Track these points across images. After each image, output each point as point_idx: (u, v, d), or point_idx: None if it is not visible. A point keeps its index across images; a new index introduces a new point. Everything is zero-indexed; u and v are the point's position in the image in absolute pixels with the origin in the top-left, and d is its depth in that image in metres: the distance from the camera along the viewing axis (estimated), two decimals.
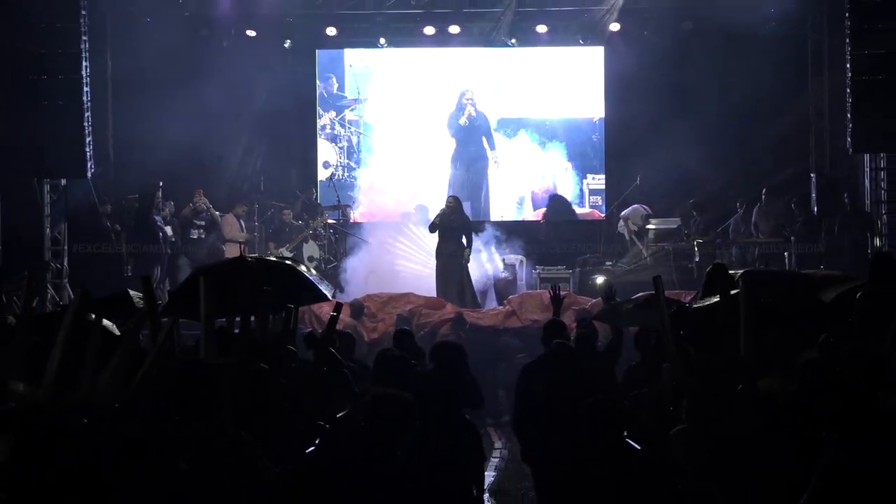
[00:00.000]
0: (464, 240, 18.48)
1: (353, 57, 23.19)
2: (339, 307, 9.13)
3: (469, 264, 18.61)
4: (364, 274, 19.03)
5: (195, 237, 20.06)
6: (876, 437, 5.42)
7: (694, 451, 6.45)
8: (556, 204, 22.16)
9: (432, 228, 18.62)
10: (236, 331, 8.55)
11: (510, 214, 22.45)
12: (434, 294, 18.16)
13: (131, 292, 9.78)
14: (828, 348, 7.29)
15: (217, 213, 20.22)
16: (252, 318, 8.35)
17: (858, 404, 5.67)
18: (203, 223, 20.17)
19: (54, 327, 5.90)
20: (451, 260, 18.41)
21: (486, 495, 11.64)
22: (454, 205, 18.79)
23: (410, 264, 19.80)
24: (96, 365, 5.38)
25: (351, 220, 21.60)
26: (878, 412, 5.59)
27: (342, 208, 21.56)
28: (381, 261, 19.63)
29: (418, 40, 22.70)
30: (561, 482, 6.76)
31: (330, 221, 21.03)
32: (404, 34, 22.76)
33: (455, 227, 18.47)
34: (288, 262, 12.48)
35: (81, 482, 4.71)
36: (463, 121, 22.46)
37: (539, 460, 9.04)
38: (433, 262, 19.07)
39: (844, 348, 7.00)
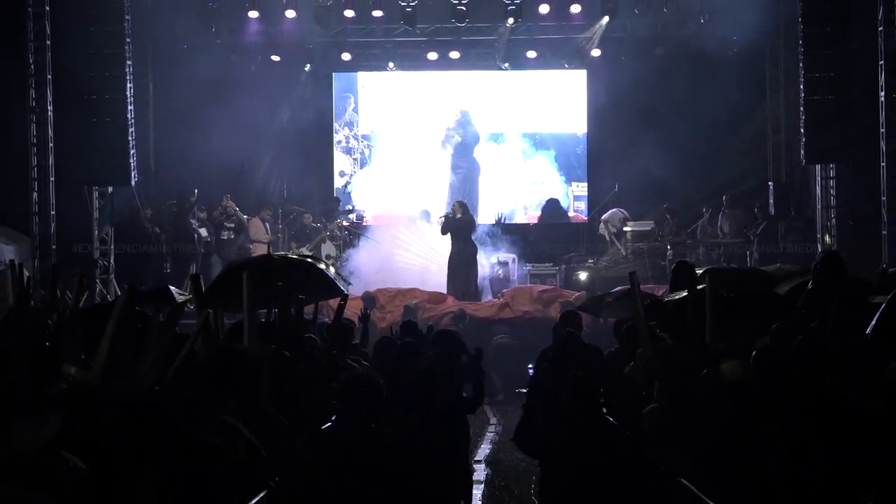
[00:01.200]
0: (467, 238, 18.59)
1: (366, 79, 23.26)
2: (345, 297, 9.19)
3: (476, 260, 18.73)
4: (374, 270, 19.04)
5: (225, 238, 20.11)
6: (845, 435, 5.33)
7: (663, 426, 6.49)
8: (552, 207, 22.20)
9: (443, 231, 18.68)
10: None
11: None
12: (439, 286, 18.21)
13: (172, 288, 9.80)
14: (778, 336, 7.31)
15: (245, 216, 20.27)
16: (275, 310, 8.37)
17: (823, 400, 5.59)
18: (232, 225, 20.21)
19: (102, 318, 5.93)
20: (458, 256, 18.48)
21: (482, 465, 11.71)
22: (459, 209, 18.86)
23: (415, 262, 19.82)
24: (152, 353, 5.41)
25: (363, 223, 21.63)
26: (842, 409, 5.52)
27: (355, 212, 21.64)
28: (389, 259, 19.66)
29: (423, 64, 22.78)
30: (560, 468, 6.67)
31: (344, 224, 21.09)
32: (410, 59, 22.82)
33: (460, 227, 18.54)
34: (309, 260, 12.50)
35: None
36: (458, 136, 22.58)
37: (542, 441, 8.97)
38: (435, 260, 19.16)
39: (798, 337, 7.03)
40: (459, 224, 18.58)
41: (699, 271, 9.35)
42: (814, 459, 5.29)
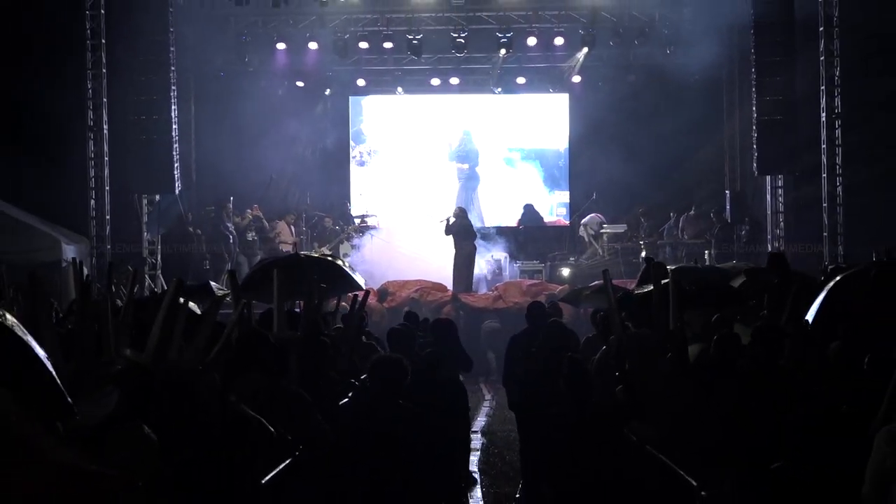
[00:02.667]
0: (467, 238, 18.54)
1: (378, 101, 23.27)
2: (367, 293, 9.18)
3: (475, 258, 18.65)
4: (385, 265, 19.04)
5: (250, 239, 20.04)
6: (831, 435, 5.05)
7: (633, 400, 6.53)
8: (529, 211, 22.19)
9: (446, 233, 18.60)
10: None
11: (496, 221, 22.41)
12: (437, 278, 18.15)
13: (212, 283, 9.85)
14: (718, 325, 7.37)
15: (267, 223, 20.26)
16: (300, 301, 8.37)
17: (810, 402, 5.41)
18: (255, 228, 20.18)
19: (151, 308, 5.95)
20: (459, 255, 18.42)
21: (478, 435, 11.74)
22: (459, 213, 18.81)
23: (419, 258, 19.74)
24: (183, 336, 5.43)
25: (376, 226, 21.63)
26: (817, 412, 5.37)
27: (369, 217, 21.66)
28: (398, 256, 19.63)
29: (427, 89, 22.80)
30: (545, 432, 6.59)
31: (359, 226, 21.11)
32: (416, 84, 22.82)
33: (459, 230, 18.52)
34: (329, 258, 12.53)
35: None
36: (461, 152, 22.63)
37: (521, 409, 8.92)
38: (435, 256, 19.05)
39: (756, 325, 7.06)
40: (459, 227, 18.56)
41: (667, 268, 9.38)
42: (802, 458, 5.12)
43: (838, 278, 7.79)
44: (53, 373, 3.56)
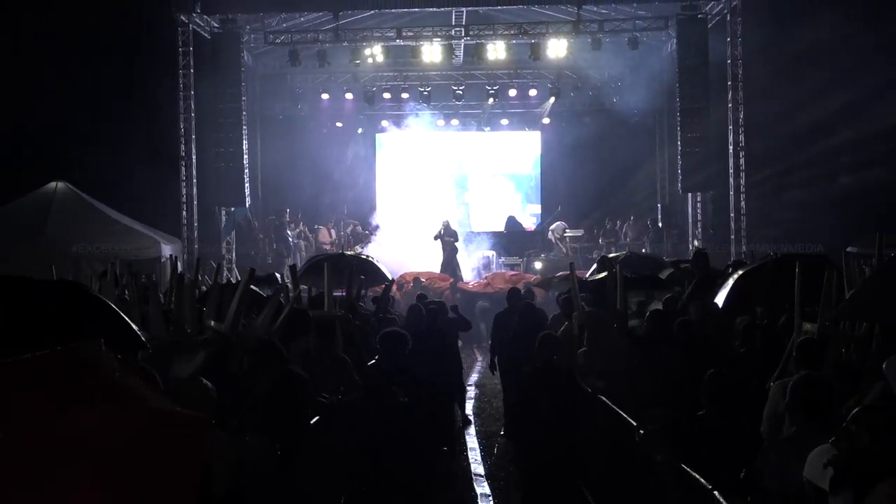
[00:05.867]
0: (450, 242, 18.42)
1: (396, 137, 23.21)
2: (391, 282, 9.18)
3: (458, 256, 18.44)
4: (399, 261, 18.93)
5: (299, 241, 20.02)
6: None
7: (590, 363, 6.55)
8: (511, 222, 22.12)
9: (435, 238, 18.50)
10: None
11: (483, 227, 22.31)
12: (438, 271, 18.09)
13: (276, 274, 9.85)
14: (668, 302, 7.39)
15: (309, 232, 20.22)
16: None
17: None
18: (303, 236, 20.14)
19: (230, 292, 5.97)
20: (446, 255, 18.31)
21: (472, 387, 11.75)
22: (445, 225, 18.69)
23: (424, 256, 19.59)
24: (265, 315, 5.43)
25: (378, 226, 21.49)
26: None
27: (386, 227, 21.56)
28: (408, 254, 19.53)
29: (434, 127, 22.69)
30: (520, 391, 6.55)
31: (378, 232, 21.04)
32: (426, 125, 22.72)
33: (447, 237, 18.45)
34: (363, 255, 12.53)
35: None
36: (456, 176, 22.59)
37: (503, 366, 8.89)
38: (432, 254, 18.90)
39: (685, 302, 7.04)
40: (444, 234, 18.49)
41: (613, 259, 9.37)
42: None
43: (741, 272, 7.78)
44: (127, 318, 3.65)
